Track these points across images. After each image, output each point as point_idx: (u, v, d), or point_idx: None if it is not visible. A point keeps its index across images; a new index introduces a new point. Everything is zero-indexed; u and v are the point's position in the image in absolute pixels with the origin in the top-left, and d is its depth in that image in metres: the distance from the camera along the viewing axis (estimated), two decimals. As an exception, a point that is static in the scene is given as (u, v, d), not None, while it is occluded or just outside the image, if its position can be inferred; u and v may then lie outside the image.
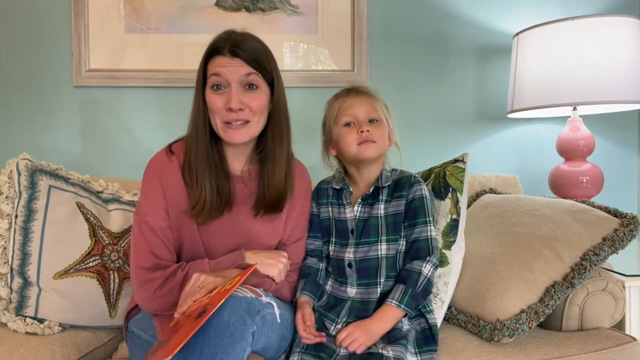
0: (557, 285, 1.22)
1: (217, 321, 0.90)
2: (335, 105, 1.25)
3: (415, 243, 1.18)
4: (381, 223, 1.20)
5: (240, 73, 1.11)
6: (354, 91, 1.26)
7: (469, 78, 1.99)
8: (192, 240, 1.18)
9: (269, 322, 1.01)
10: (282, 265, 1.17)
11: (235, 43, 1.11)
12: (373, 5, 1.94)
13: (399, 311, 1.11)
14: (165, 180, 1.16)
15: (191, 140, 1.16)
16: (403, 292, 1.12)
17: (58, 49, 1.89)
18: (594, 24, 1.59)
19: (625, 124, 2.00)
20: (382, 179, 1.23)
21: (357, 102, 1.23)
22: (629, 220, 1.28)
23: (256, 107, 1.13)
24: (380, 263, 1.18)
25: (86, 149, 1.92)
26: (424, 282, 1.14)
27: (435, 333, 1.17)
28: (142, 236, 1.14)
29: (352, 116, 1.22)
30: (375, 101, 1.24)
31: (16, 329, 1.26)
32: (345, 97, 1.25)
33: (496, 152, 2.00)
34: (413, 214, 1.19)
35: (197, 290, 1.01)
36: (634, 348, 1.19)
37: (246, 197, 1.20)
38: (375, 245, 1.19)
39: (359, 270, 1.20)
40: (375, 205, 1.22)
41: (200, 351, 0.88)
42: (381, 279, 1.18)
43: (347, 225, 1.24)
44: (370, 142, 1.20)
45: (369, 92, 1.26)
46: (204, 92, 1.15)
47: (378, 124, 1.22)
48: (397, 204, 1.21)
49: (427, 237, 1.18)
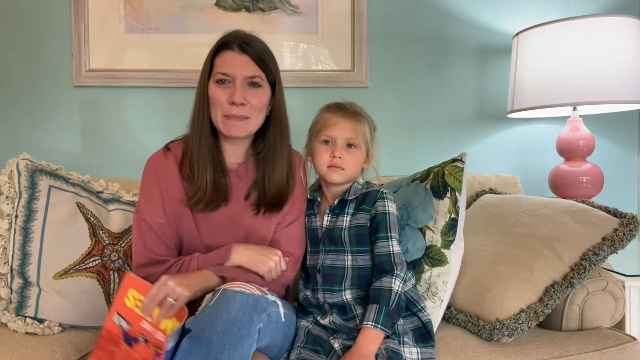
0: (557, 285, 1.22)
1: (226, 317, 0.92)
2: (322, 118, 1.25)
3: (377, 257, 1.18)
4: (344, 234, 1.21)
5: (246, 70, 1.14)
6: (343, 110, 1.24)
7: (469, 78, 1.99)
8: (191, 234, 1.20)
9: (275, 320, 1.03)
10: (273, 263, 1.15)
11: (244, 40, 1.15)
12: (373, 5, 1.94)
13: (378, 332, 1.08)
14: (162, 178, 1.19)
15: (194, 133, 1.18)
16: (377, 312, 1.10)
17: (58, 49, 1.89)
18: (594, 24, 1.59)
19: (625, 124, 2.00)
20: (350, 191, 1.25)
21: (340, 123, 1.22)
22: (629, 220, 1.28)
23: (257, 104, 1.16)
24: (345, 273, 1.19)
25: (86, 149, 1.92)
26: (396, 299, 1.12)
27: (430, 329, 1.18)
28: (140, 234, 1.17)
29: (331, 136, 1.22)
30: (360, 125, 1.22)
31: (16, 329, 1.26)
32: (332, 114, 1.24)
33: (496, 152, 2.00)
34: (375, 229, 1.20)
35: (164, 296, 0.98)
36: (634, 348, 1.19)
37: (242, 191, 1.22)
38: (343, 254, 1.21)
39: (325, 276, 1.21)
40: (341, 216, 1.23)
41: (208, 345, 0.89)
42: (346, 288, 1.19)
43: (317, 233, 1.26)
44: (339, 169, 1.21)
45: (358, 114, 1.24)
46: (207, 86, 1.17)
47: (354, 150, 1.22)
48: (360, 216, 1.21)
49: (388, 252, 1.17)
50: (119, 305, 1.04)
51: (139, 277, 1.06)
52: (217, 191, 1.17)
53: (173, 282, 0.99)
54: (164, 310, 0.97)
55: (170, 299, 0.98)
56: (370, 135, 1.25)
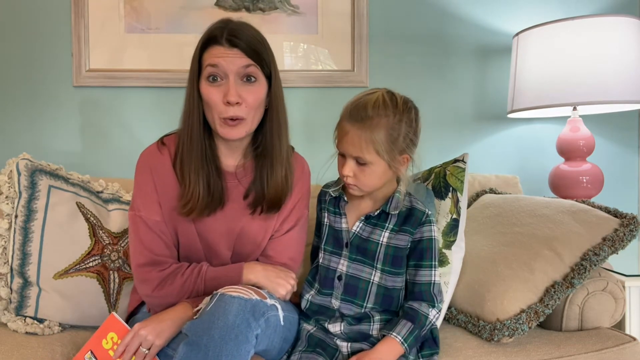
0: (557, 285, 1.22)
1: (223, 323, 0.90)
2: (338, 124, 1.12)
3: (417, 285, 1.13)
4: (380, 251, 1.13)
5: (238, 64, 1.06)
6: (355, 117, 1.07)
7: (469, 78, 1.99)
8: (188, 235, 1.16)
9: (273, 324, 1.01)
10: (290, 287, 1.13)
11: (233, 32, 1.06)
12: (373, 5, 1.94)
13: (401, 349, 1.06)
14: (157, 174, 1.13)
15: (184, 135, 1.11)
16: (410, 331, 1.07)
17: (58, 49, 1.88)
18: (594, 24, 1.59)
19: (625, 124, 2.00)
20: (391, 203, 1.13)
21: (350, 134, 1.07)
22: (629, 220, 1.28)
23: (253, 101, 1.08)
24: (370, 288, 1.13)
25: (86, 149, 1.92)
26: (428, 327, 1.11)
27: (437, 336, 1.16)
28: (137, 232, 1.13)
29: (342, 149, 1.10)
30: (371, 138, 1.05)
31: (16, 329, 1.26)
32: (345, 120, 1.09)
33: (496, 152, 2.00)
34: (419, 256, 1.13)
35: (137, 346, 1.01)
36: (634, 348, 1.20)
37: (240, 194, 1.17)
38: (370, 269, 1.14)
39: (346, 285, 1.15)
40: (378, 229, 1.14)
41: (205, 352, 0.88)
42: (368, 303, 1.14)
43: (342, 235, 1.17)
44: (353, 186, 1.11)
45: (370, 120, 1.05)
46: (198, 84, 1.10)
47: (365, 168, 1.08)
48: (403, 238, 1.13)
49: (430, 281, 1.12)
50: (95, 345, 1.06)
51: (121, 321, 1.06)
52: (211, 197, 1.11)
53: (145, 331, 1.01)
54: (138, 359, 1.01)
55: (143, 348, 1.01)
56: (391, 141, 1.06)
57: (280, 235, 1.20)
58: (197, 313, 0.98)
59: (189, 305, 1.07)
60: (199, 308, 0.99)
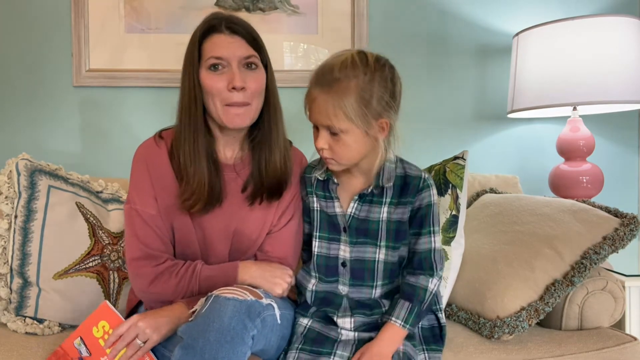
0: (557, 284, 1.22)
1: (218, 325, 0.90)
2: (307, 93, 1.04)
3: (417, 254, 1.07)
4: (382, 228, 1.07)
5: (241, 52, 1.07)
6: (322, 81, 0.97)
7: (469, 78, 1.99)
8: (184, 230, 1.14)
9: (269, 324, 1.00)
10: (286, 285, 1.12)
11: (232, 20, 1.08)
12: (373, 5, 1.94)
13: (404, 331, 1.04)
14: (153, 168, 1.12)
15: (184, 129, 1.10)
16: (409, 311, 1.03)
17: (58, 49, 1.88)
18: (594, 24, 1.59)
19: (625, 124, 2.00)
20: (383, 175, 1.05)
21: (317, 102, 0.98)
22: (630, 220, 1.28)
23: (256, 87, 1.09)
24: (377, 267, 1.09)
25: (86, 149, 1.92)
26: (430, 297, 1.06)
27: (444, 334, 1.14)
28: (132, 225, 1.11)
29: (312, 119, 1.02)
30: (340, 103, 0.95)
31: (16, 329, 1.26)
32: (312, 88, 1.00)
33: (496, 152, 2.00)
34: (419, 223, 1.07)
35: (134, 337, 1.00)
36: (634, 347, 1.20)
37: (238, 187, 1.16)
38: (374, 247, 1.08)
39: (352, 270, 1.10)
40: (376, 206, 1.08)
41: (201, 355, 0.88)
42: (377, 282, 1.10)
43: (337, 220, 1.11)
44: (330, 159, 1.03)
45: (336, 83, 0.95)
46: (197, 75, 1.09)
47: (339, 138, 0.99)
48: (403, 210, 1.07)
49: (430, 248, 1.07)
50: (85, 332, 1.04)
51: (114, 309, 1.05)
52: (212, 190, 1.10)
53: (143, 323, 1.00)
54: (131, 352, 0.99)
55: (139, 340, 1.00)
56: (364, 105, 0.96)
57: (277, 230, 1.19)
58: (192, 315, 0.97)
59: (184, 306, 1.06)
60: (194, 310, 0.98)
